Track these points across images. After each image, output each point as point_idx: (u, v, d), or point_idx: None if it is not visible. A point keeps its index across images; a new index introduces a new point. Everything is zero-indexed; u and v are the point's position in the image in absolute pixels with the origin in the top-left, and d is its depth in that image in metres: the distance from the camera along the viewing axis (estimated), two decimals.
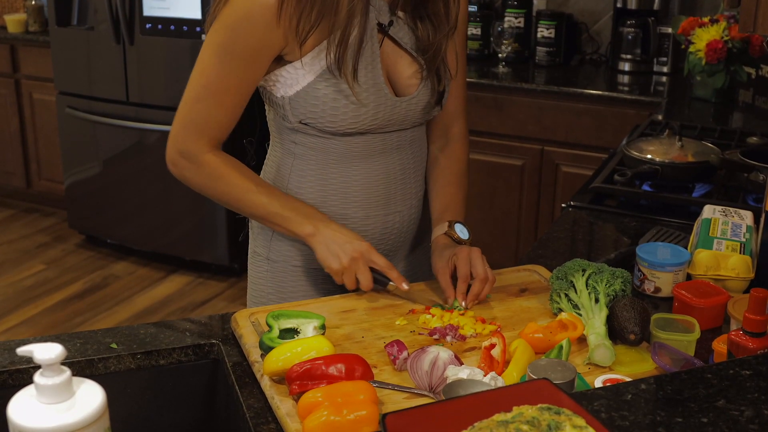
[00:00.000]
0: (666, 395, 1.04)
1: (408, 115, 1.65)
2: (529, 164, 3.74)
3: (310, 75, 1.56)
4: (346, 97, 1.56)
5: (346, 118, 1.58)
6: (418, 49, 1.63)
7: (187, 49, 4.06)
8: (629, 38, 3.91)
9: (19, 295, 4.21)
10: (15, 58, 5.01)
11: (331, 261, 1.58)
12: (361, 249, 1.57)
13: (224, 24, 1.53)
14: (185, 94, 1.60)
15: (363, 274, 1.57)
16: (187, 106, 1.60)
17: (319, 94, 1.56)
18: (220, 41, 1.54)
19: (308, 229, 1.60)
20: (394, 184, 1.71)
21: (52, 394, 0.93)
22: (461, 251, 1.61)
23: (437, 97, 1.67)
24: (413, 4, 1.61)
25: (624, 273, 1.50)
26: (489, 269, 1.59)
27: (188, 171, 1.63)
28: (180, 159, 1.63)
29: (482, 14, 4.17)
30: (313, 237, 1.60)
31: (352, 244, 1.57)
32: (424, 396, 1.27)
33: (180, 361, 1.44)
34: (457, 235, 1.69)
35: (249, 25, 1.51)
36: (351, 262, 1.56)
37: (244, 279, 4.31)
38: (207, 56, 1.56)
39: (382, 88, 1.59)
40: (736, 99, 3.32)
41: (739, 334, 1.27)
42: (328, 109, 1.57)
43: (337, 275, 1.58)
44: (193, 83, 1.59)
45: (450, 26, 1.63)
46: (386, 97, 1.60)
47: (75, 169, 4.62)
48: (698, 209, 1.92)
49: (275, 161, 1.72)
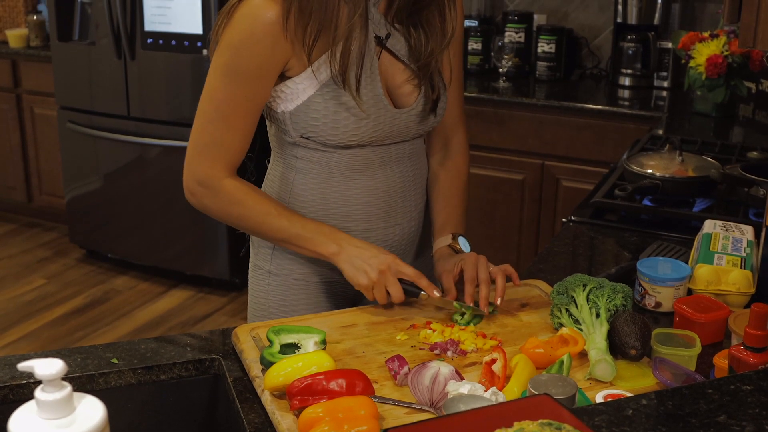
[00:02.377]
0: (667, 410, 1.03)
1: (408, 127, 1.66)
2: (529, 179, 3.74)
3: (310, 89, 1.56)
4: (346, 110, 1.56)
5: (347, 131, 1.58)
6: (412, 59, 1.63)
7: (188, 64, 4.08)
8: (629, 53, 3.91)
9: (20, 309, 4.21)
10: (16, 72, 5.02)
11: (359, 278, 1.57)
12: (387, 261, 1.57)
13: (228, 44, 1.53)
14: (196, 120, 1.60)
15: (393, 286, 1.56)
16: (199, 131, 1.60)
17: (319, 107, 1.56)
18: (226, 62, 1.54)
19: (333, 248, 1.59)
20: (395, 197, 1.71)
21: (53, 409, 0.93)
22: (468, 257, 1.63)
23: (431, 105, 1.67)
24: (407, 13, 1.62)
25: (625, 288, 1.50)
26: (497, 270, 1.59)
27: (207, 198, 1.62)
28: (198, 187, 1.62)
29: (483, 29, 4.18)
30: (338, 256, 1.59)
31: (378, 257, 1.57)
32: (425, 411, 1.27)
33: (181, 376, 1.44)
34: (460, 248, 1.70)
35: (252, 44, 1.51)
36: (379, 276, 1.56)
37: (244, 293, 4.29)
38: (214, 79, 1.57)
39: (381, 100, 1.60)
40: (737, 114, 3.32)
41: (740, 349, 1.27)
42: (329, 122, 1.57)
43: (367, 291, 1.58)
44: (203, 108, 1.59)
45: (447, 39, 1.64)
46: (386, 109, 1.60)
47: (76, 184, 4.63)
48: (699, 224, 1.92)
49: (277, 176, 1.72)
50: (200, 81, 4.27)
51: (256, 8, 1.50)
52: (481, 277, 1.58)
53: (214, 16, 3.95)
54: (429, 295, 1.57)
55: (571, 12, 4.23)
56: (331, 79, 1.55)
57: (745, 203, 2.16)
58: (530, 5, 4.27)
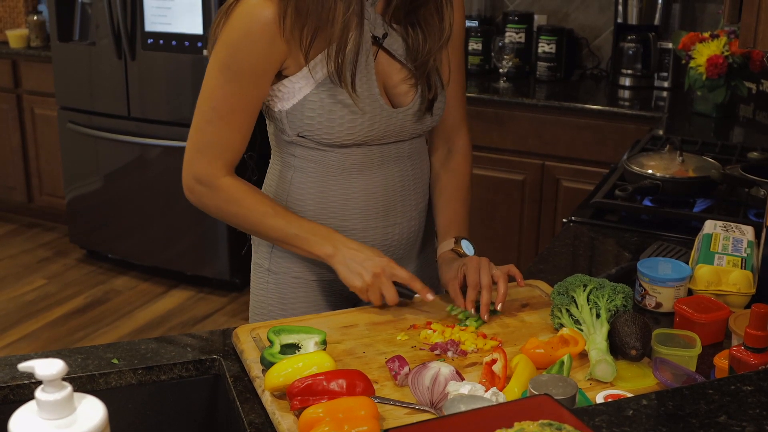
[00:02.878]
0: (667, 411, 1.03)
1: (405, 127, 1.66)
2: (529, 179, 3.74)
3: (306, 88, 1.57)
4: (342, 109, 1.57)
5: (342, 130, 1.58)
6: (409, 59, 1.64)
7: (188, 64, 4.08)
8: (630, 53, 3.91)
9: (20, 309, 4.21)
10: (17, 73, 5.02)
11: (353, 279, 1.58)
12: (382, 264, 1.57)
13: (226, 43, 1.54)
14: (194, 118, 1.61)
15: (387, 289, 1.57)
16: (198, 130, 1.61)
17: (315, 106, 1.57)
18: (224, 61, 1.55)
19: (328, 250, 1.60)
20: (394, 197, 1.71)
21: (53, 409, 0.93)
22: (471, 261, 1.62)
23: (427, 104, 1.67)
24: (405, 13, 1.62)
25: (625, 288, 1.50)
26: (500, 274, 1.59)
27: (205, 197, 1.63)
28: (196, 185, 1.63)
29: (483, 29, 4.18)
30: (333, 257, 1.60)
31: (373, 260, 1.58)
32: (425, 412, 1.27)
33: (181, 377, 1.44)
34: (463, 251, 1.70)
35: (250, 42, 1.52)
36: (374, 279, 1.56)
37: (245, 294, 4.30)
38: (212, 78, 1.57)
39: (377, 99, 1.60)
40: (737, 114, 3.32)
41: (740, 349, 1.27)
42: (324, 121, 1.58)
43: (361, 293, 1.58)
44: (201, 107, 1.59)
45: (444, 38, 1.64)
46: (382, 108, 1.61)
47: (76, 184, 4.63)
48: (699, 224, 1.92)
49: (275, 175, 1.73)
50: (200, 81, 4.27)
51: (253, 7, 1.51)
52: (483, 282, 1.58)
53: (215, 16, 3.94)
54: (423, 298, 1.57)
55: (571, 12, 4.23)
56: (326, 78, 1.56)
57: (746, 204, 2.16)
58: (530, 6, 4.27)
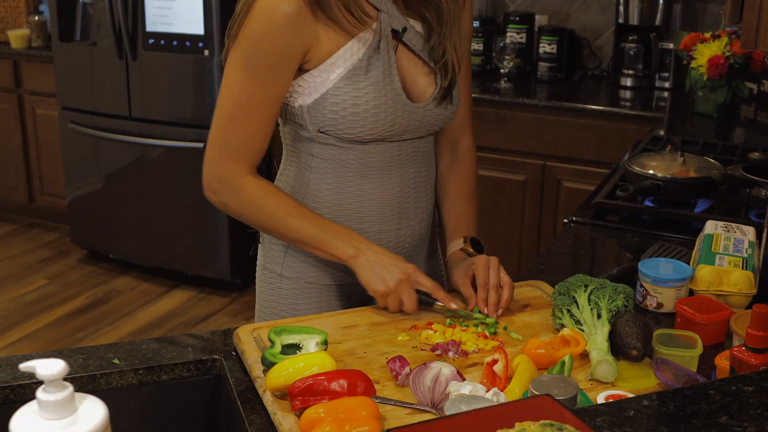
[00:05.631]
0: (668, 411, 1.03)
1: (424, 121, 1.65)
2: (531, 179, 3.74)
3: (328, 82, 1.56)
4: (365, 103, 1.56)
5: (365, 124, 1.58)
6: (428, 53, 1.64)
7: (189, 65, 4.08)
8: (631, 54, 3.91)
9: (21, 310, 4.21)
10: (18, 73, 5.03)
11: (376, 283, 1.56)
12: (407, 271, 1.57)
13: (247, 37, 1.53)
14: (215, 116, 1.59)
15: (409, 297, 1.56)
16: (221, 128, 1.59)
17: (337, 100, 1.56)
18: (245, 55, 1.54)
19: (351, 252, 1.59)
20: (407, 198, 1.71)
21: (55, 409, 0.93)
22: (479, 260, 1.63)
23: (444, 92, 1.66)
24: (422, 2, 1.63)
25: (626, 288, 1.50)
26: (507, 280, 1.60)
27: (227, 197, 1.61)
28: (218, 185, 1.61)
29: (484, 30, 4.18)
30: (356, 259, 1.58)
31: (398, 266, 1.57)
32: (426, 412, 1.27)
33: (182, 377, 1.44)
34: (472, 251, 1.70)
35: (272, 34, 1.52)
36: (398, 285, 1.56)
37: (246, 294, 4.31)
38: (233, 74, 1.56)
39: (399, 94, 1.59)
40: (738, 114, 3.32)
41: (741, 349, 1.27)
42: (348, 115, 1.57)
43: (381, 297, 1.57)
44: (222, 105, 1.58)
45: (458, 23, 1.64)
46: (403, 103, 1.60)
47: (77, 184, 4.63)
48: (700, 225, 1.92)
49: (290, 177, 1.71)
50: (202, 82, 4.29)
51: (274, 0, 1.51)
52: (492, 281, 1.58)
53: (216, 16, 3.96)
54: (446, 306, 1.57)
55: (572, 13, 4.23)
56: (349, 71, 1.56)
57: (747, 204, 2.16)
58: (532, 6, 4.27)
